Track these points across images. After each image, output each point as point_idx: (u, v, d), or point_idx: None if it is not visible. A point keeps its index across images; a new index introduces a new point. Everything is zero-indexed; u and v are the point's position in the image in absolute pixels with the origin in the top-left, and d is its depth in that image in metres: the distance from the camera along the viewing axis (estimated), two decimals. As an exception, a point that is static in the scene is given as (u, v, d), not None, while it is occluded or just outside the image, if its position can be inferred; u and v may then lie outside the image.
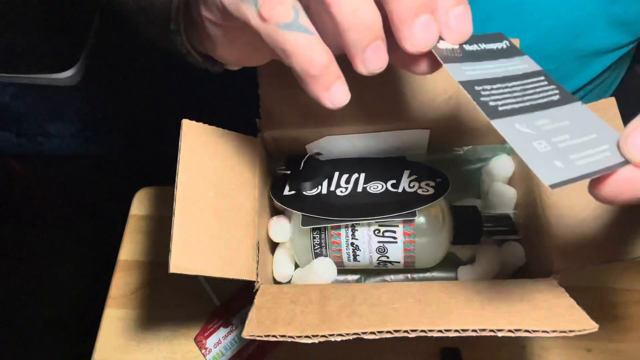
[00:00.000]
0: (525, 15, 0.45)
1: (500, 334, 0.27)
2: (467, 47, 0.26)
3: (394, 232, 0.38)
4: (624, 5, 0.44)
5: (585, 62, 0.50)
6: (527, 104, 0.24)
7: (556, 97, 0.25)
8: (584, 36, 0.47)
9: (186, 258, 0.31)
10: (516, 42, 0.37)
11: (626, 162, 0.21)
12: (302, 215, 0.39)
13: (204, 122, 0.36)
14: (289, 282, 0.42)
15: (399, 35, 0.24)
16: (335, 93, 0.24)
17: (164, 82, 0.99)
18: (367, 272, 0.43)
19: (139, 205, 0.57)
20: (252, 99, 0.40)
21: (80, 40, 1.33)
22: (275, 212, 0.43)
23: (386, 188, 0.39)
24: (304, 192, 0.40)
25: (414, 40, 0.23)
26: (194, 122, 0.36)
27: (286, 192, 0.41)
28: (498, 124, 0.22)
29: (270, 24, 0.24)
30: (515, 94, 0.24)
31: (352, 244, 0.39)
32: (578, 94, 0.54)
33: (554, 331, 0.27)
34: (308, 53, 0.23)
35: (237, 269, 0.34)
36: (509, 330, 0.27)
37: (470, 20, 0.25)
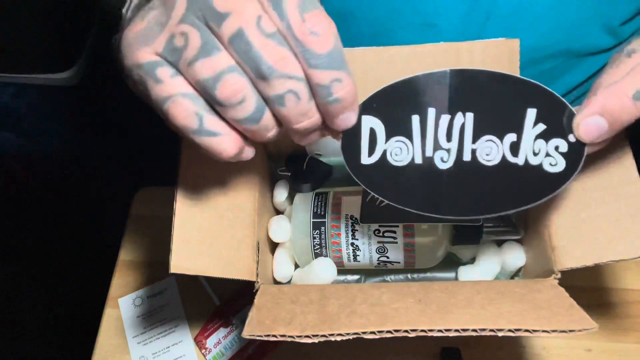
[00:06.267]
0: (526, 16, 0.45)
1: (500, 334, 0.27)
2: None
3: (394, 232, 0.38)
4: (612, 10, 0.45)
5: (582, 60, 0.51)
6: None
7: None
8: (581, 37, 0.47)
9: (186, 258, 0.31)
10: (516, 42, 0.37)
11: None
12: (362, 211, 0.32)
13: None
14: (289, 282, 0.42)
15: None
16: (244, 157, 0.28)
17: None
18: (367, 272, 0.43)
19: (139, 205, 0.57)
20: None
21: (80, 40, 1.33)
22: (275, 212, 0.43)
23: (503, 156, 0.29)
24: (391, 162, 0.29)
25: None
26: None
27: (365, 159, 0.30)
28: None
29: (178, 129, 0.27)
30: None
31: (352, 244, 0.39)
32: (574, 93, 0.55)
33: (554, 331, 0.27)
34: (217, 149, 0.27)
35: (237, 269, 0.34)
36: (509, 330, 0.27)
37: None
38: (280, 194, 0.42)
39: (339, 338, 0.28)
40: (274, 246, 0.42)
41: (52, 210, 1.25)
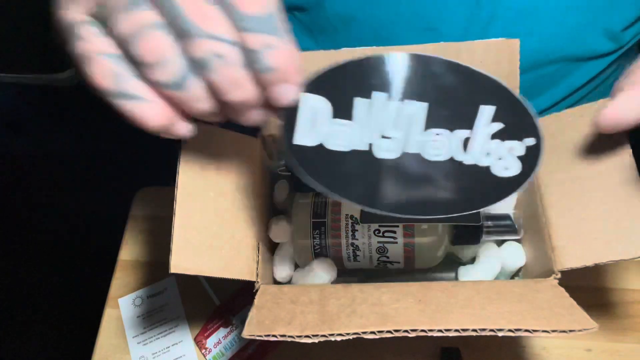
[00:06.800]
0: (527, 21, 0.45)
1: (500, 334, 0.27)
2: None
3: (394, 232, 0.38)
4: (614, 15, 0.45)
5: (582, 64, 0.51)
6: None
7: None
8: (583, 42, 0.47)
9: (186, 258, 0.31)
10: (516, 42, 0.37)
11: None
12: (362, 211, 0.31)
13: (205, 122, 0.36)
14: (289, 282, 0.42)
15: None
16: (176, 131, 0.26)
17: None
18: (367, 272, 0.43)
19: (139, 205, 0.57)
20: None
21: (80, 40, 1.34)
22: (275, 212, 0.43)
23: (452, 153, 0.27)
24: (331, 147, 0.27)
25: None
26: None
27: (304, 140, 0.27)
28: None
29: (99, 91, 0.25)
30: None
31: (352, 244, 0.39)
32: (575, 95, 0.55)
33: (554, 331, 0.27)
34: (139, 115, 0.24)
35: (237, 269, 0.34)
36: (509, 330, 0.27)
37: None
38: (280, 194, 0.42)
39: (339, 338, 0.28)
40: (274, 246, 0.42)
41: (52, 210, 1.25)
